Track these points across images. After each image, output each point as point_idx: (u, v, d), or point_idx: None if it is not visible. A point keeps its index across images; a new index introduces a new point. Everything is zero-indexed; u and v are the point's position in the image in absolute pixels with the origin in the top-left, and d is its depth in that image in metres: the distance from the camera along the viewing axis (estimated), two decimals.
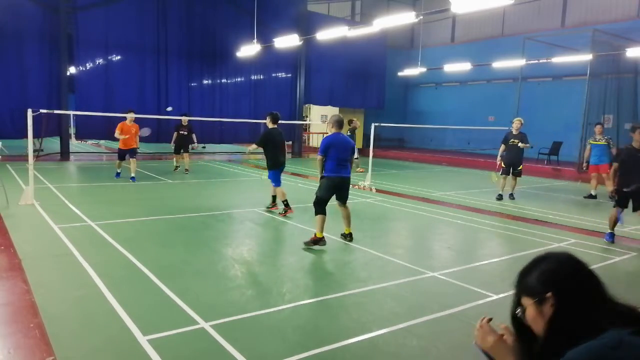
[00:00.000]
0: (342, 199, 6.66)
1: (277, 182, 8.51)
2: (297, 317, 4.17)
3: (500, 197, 10.86)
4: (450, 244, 7.04)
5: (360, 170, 15.45)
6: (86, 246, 5.96)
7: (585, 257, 5.77)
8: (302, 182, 13.21)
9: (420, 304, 4.52)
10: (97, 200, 9.35)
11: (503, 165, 10.88)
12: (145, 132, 12.48)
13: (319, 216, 6.37)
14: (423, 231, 8.02)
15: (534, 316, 1.51)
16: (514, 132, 10.77)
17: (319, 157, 6.49)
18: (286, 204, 8.42)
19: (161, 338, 3.57)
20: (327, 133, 6.72)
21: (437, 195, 11.37)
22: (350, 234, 6.75)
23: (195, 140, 14.35)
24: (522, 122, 10.84)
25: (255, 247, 6.47)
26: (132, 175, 11.75)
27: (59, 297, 4.35)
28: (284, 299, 4.47)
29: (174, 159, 14.26)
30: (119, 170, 12.09)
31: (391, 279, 5.16)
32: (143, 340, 3.52)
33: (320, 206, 6.43)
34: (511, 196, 10.97)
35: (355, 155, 15.34)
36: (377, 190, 11.82)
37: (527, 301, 1.54)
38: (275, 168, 8.48)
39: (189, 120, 14.21)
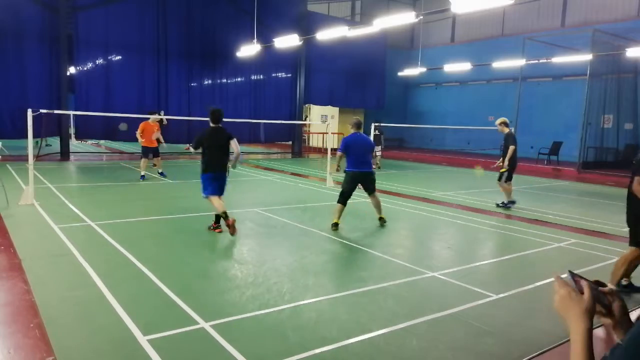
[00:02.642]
0: (368, 190, 7.64)
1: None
2: (297, 317, 4.16)
3: (513, 202, 9.83)
4: (450, 244, 7.03)
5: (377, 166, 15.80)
6: (86, 246, 5.96)
7: (585, 257, 5.70)
8: (303, 182, 13.21)
9: (420, 304, 4.52)
10: (97, 200, 9.35)
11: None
12: (123, 126, 12.45)
13: (337, 205, 7.39)
14: (423, 231, 8.02)
15: None
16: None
17: (339, 153, 7.62)
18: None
19: (161, 338, 3.57)
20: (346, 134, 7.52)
21: (437, 195, 11.37)
22: (382, 218, 7.74)
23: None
24: (505, 121, 9.72)
25: (256, 247, 6.47)
26: (160, 170, 12.34)
27: (59, 297, 4.35)
28: (284, 299, 4.47)
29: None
30: (143, 173, 12.03)
31: (391, 279, 5.16)
32: (143, 340, 3.52)
33: (341, 197, 7.41)
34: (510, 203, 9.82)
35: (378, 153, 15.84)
36: (377, 190, 11.79)
37: None
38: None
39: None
